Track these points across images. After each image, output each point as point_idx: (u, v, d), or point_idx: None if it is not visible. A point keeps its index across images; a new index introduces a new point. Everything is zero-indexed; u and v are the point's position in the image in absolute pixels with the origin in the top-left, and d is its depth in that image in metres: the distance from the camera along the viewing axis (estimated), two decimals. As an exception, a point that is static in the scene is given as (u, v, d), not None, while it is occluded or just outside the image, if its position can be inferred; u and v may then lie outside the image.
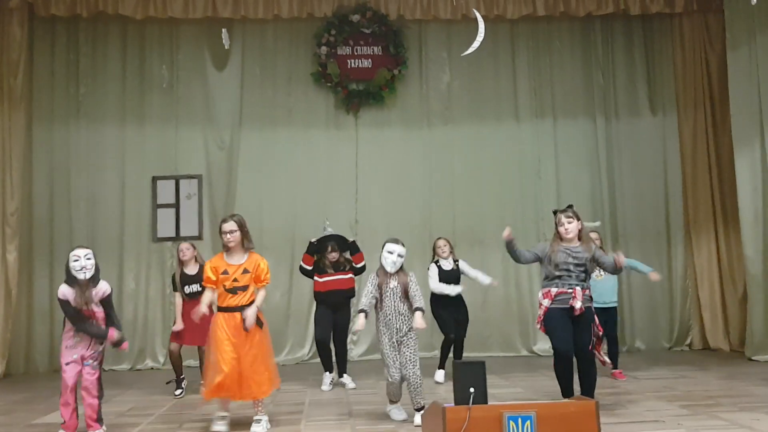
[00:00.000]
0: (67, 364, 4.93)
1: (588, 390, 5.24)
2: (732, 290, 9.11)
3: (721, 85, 9.17)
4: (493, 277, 7.42)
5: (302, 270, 7.10)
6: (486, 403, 3.16)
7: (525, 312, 9.34)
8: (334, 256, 6.95)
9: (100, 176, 9.10)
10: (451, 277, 7.11)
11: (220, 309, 5.10)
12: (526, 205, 9.44)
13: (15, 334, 8.49)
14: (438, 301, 7.04)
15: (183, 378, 6.80)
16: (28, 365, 8.73)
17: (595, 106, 9.59)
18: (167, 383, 7.02)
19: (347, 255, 7.16)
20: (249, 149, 9.34)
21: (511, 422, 3.02)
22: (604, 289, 7.03)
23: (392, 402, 5.34)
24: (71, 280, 4.91)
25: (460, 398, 3.16)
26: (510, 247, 5.44)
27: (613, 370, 7.07)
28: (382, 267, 5.30)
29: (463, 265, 7.27)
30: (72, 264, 4.90)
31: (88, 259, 4.94)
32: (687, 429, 4.71)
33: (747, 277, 8.38)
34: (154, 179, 9.15)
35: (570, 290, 5.20)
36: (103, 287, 5.01)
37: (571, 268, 5.25)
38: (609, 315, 7.03)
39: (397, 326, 5.19)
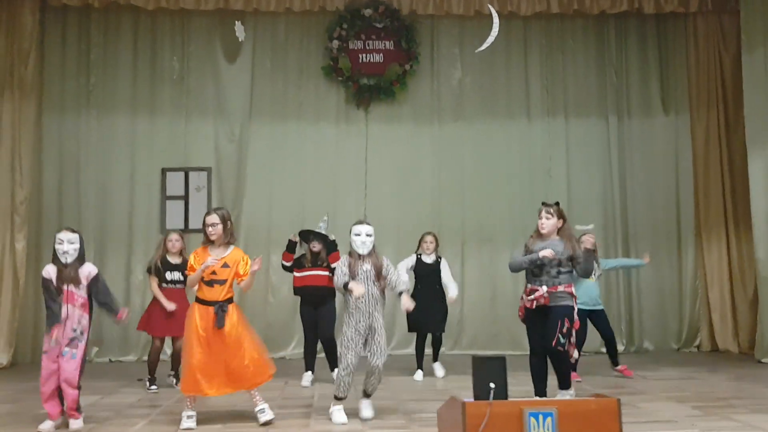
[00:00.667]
0: (44, 352, 4.91)
1: (561, 380, 5.28)
2: (742, 292, 9.06)
3: (735, 86, 9.11)
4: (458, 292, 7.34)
5: (283, 267, 7.08)
6: (506, 398, 3.13)
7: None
8: (315, 245, 6.86)
9: (109, 167, 9.08)
10: (428, 271, 7.13)
11: (197, 300, 5.07)
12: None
13: (22, 323, 8.48)
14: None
15: (155, 378, 6.66)
16: (34, 354, 8.67)
17: (607, 106, 9.54)
18: (139, 380, 6.94)
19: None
20: (259, 142, 9.31)
21: (532, 419, 2.98)
22: (596, 291, 6.99)
23: (338, 399, 5.13)
24: (56, 259, 4.95)
25: (480, 393, 3.12)
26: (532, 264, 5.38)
27: (617, 367, 7.07)
28: (353, 250, 5.24)
29: (443, 265, 7.24)
30: (56, 246, 4.95)
31: (71, 243, 4.95)
32: (701, 430, 4.67)
33: (758, 280, 8.33)
34: (164, 171, 9.13)
35: (538, 287, 5.20)
36: (88, 268, 5.01)
37: (544, 263, 5.21)
38: (599, 316, 7.02)
39: (369, 310, 5.10)
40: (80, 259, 5.01)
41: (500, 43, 8.97)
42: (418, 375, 7.11)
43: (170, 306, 6.58)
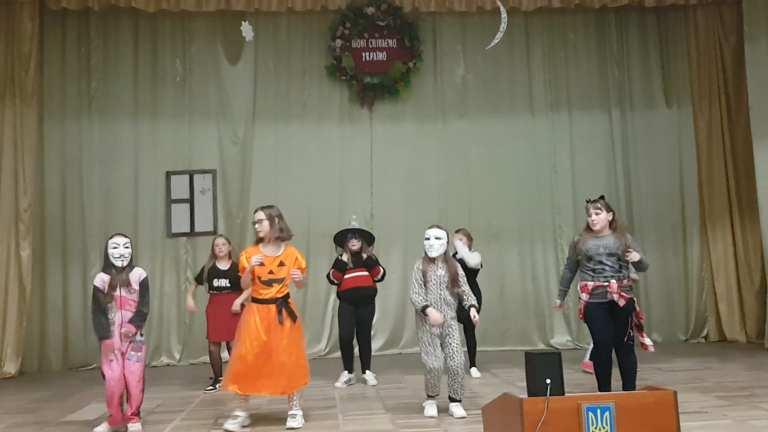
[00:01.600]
0: (110, 361, 4.95)
1: (628, 381, 5.24)
2: (749, 282, 9.12)
3: (736, 77, 9.18)
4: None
5: (330, 282, 6.99)
6: (563, 394, 3.11)
7: (542, 306, 9.32)
8: (354, 243, 6.79)
9: (113, 172, 8.99)
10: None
11: (255, 300, 5.04)
12: (542, 199, 9.41)
13: (29, 332, 8.39)
14: None
15: (219, 380, 6.57)
16: (41, 363, 8.62)
17: (610, 99, 9.56)
18: (211, 377, 6.89)
19: (372, 250, 7.03)
20: (263, 144, 9.26)
21: (590, 413, 2.97)
22: None
23: (430, 396, 5.25)
24: (108, 266, 5.02)
25: (535, 390, 3.10)
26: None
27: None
28: (425, 254, 5.25)
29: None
30: (111, 251, 5.03)
31: (126, 247, 5.10)
32: (733, 420, 4.69)
33: (766, 269, 8.38)
34: (168, 174, 9.05)
35: (605, 283, 5.18)
36: (138, 271, 5.13)
37: (604, 259, 5.23)
38: None
39: (442, 314, 5.11)
40: (131, 264, 5.11)
41: (502, 39, 8.86)
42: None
43: (189, 305, 6.90)
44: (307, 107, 9.34)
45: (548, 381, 3.06)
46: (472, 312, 5.17)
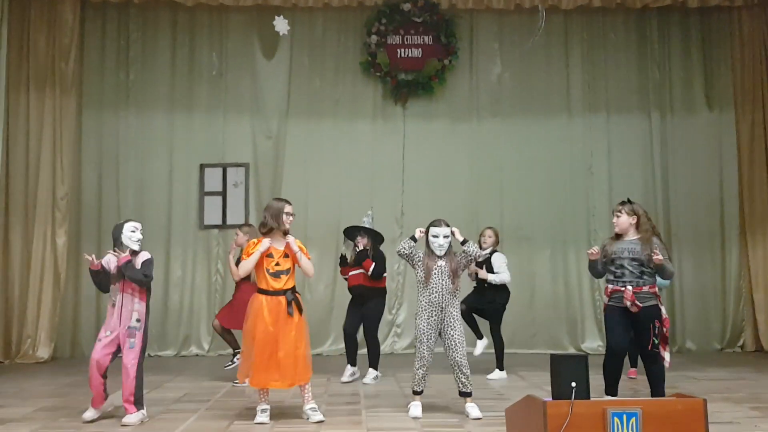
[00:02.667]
0: (98, 340, 5.04)
1: (655, 388, 5.12)
2: (789, 292, 8.86)
3: (782, 82, 8.92)
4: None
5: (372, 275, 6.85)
6: (588, 398, 3.03)
7: (573, 310, 9.17)
8: (359, 240, 6.77)
9: (148, 163, 9.10)
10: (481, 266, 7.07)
11: (262, 292, 5.02)
12: (576, 202, 9.25)
13: (62, 318, 8.54)
14: None
15: (238, 351, 6.47)
16: (73, 350, 8.77)
17: (650, 102, 9.35)
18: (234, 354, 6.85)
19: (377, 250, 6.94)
20: (295, 139, 9.27)
21: (616, 419, 2.88)
22: None
23: (415, 393, 5.21)
24: (120, 248, 5.04)
25: (560, 393, 3.03)
26: (595, 265, 5.35)
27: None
28: (429, 249, 5.22)
29: (496, 256, 7.12)
30: (129, 234, 5.05)
31: (142, 232, 5.16)
32: (766, 432, 4.55)
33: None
34: (202, 167, 9.13)
35: (622, 288, 5.10)
36: (145, 254, 5.12)
37: (626, 263, 5.15)
38: None
39: (442, 305, 5.11)
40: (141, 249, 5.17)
41: (540, 38, 8.84)
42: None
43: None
44: (340, 104, 9.33)
45: (573, 384, 2.98)
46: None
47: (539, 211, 9.20)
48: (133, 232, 5.08)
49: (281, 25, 7.02)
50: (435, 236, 5.21)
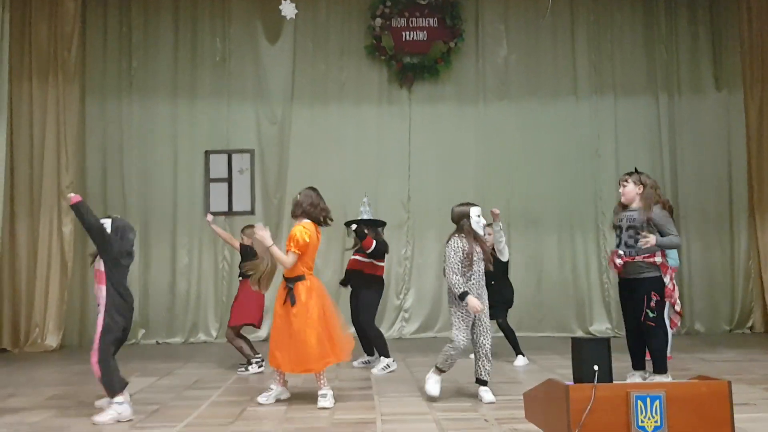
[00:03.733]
0: None
1: (654, 362, 5.12)
2: (798, 273, 8.83)
3: (791, 60, 8.83)
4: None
5: (371, 254, 6.68)
6: (611, 381, 3.00)
7: (581, 293, 9.16)
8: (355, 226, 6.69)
9: (152, 150, 9.06)
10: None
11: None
12: (583, 185, 9.21)
13: (70, 306, 8.53)
14: None
15: (259, 359, 6.48)
16: (82, 338, 8.75)
17: (657, 83, 9.29)
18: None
19: (382, 233, 6.86)
20: (300, 124, 9.22)
21: (639, 402, 2.86)
22: None
23: (441, 371, 5.10)
24: None
25: (582, 376, 3.00)
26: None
27: None
28: (469, 233, 5.01)
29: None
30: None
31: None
32: (783, 413, 4.53)
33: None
34: (207, 153, 9.08)
35: (617, 252, 5.19)
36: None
37: (623, 232, 5.16)
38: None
39: (479, 291, 5.01)
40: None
41: (547, 20, 8.76)
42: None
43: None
44: (345, 88, 9.27)
45: (596, 368, 2.95)
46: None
47: (546, 194, 9.15)
48: None
49: (288, 9, 6.85)
50: (478, 215, 5.07)
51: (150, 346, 8.63)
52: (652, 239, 5.03)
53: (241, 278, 6.64)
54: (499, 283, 6.65)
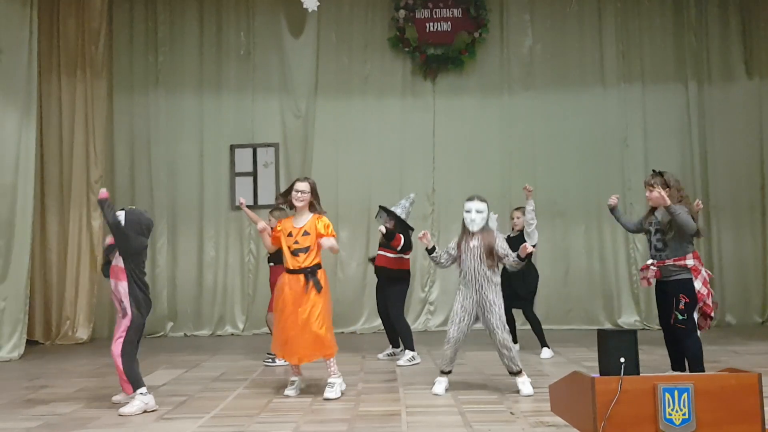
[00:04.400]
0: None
1: (690, 364, 4.99)
2: (832, 264, 8.62)
3: (825, 46, 8.59)
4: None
5: (401, 251, 6.67)
6: (638, 374, 2.96)
7: (609, 285, 9.05)
8: (388, 223, 6.65)
9: (179, 145, 9.14)
10: (515, 247, 6.86)
11: (286, 270, 5.09)
12: (611, 175, 9.06)
13: (100, 299, 8.65)
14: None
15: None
16: (111, 330, 8.77)
17: (687, 71, 9.11)
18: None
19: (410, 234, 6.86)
20: (325, 118, 9.23)
21: (667, 395, 2.80)
22: None
23: (442, 372, 5.15)
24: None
25: (608, 369, 2.95)
26: (613, 214, 5.54)
27: None
28: (463, 226, 5.13)
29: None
30: None
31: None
32: (818, 406, 4.41)
33: None
34: (232, 147, 9.14)
35: (649, 263, 5.11)
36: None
37: (651, 236, 5.08)
38: None
39: (476, 287, 4.99)
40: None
41: (573, 8, 8.66)
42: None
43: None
44: (369, 81, 9.25)
45: (622, 360, 2.91)
46: (525, 246, 4.93)
47: (573, 186, 9.05)
48: None
49: (310, 1, 6.88)
50: (467, 211, 5.06)
51: (178, 339, 8.73)
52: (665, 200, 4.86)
53: (271, 264, 6.66)
54: (522, 270, 6.58)
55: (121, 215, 4.76)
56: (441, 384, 5.13)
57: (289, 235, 5.03)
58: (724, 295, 8.98)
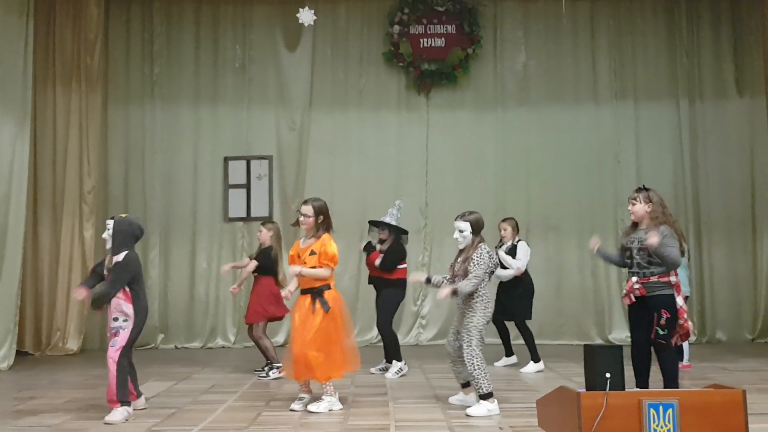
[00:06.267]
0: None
1: (666, 380, 5.00)
2: (823, 282, 8.66)
3: (815, 65, 8.67)
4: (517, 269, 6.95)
5: (382, 266, 6.73)
6: (623, 389, 2.97)
7: (601, 300, 9.07)
8: (382, 233, 6.72)
9: (173, 156, 9.16)
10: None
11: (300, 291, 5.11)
12: (604, 191, 9.12)
13: (90, 310, 8.59)
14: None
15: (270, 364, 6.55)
16: (102, 341, 8.78)
17: (678, 88, 9.19)
18: (255, 371, 6.85)
19: (405, 242, 6.87)
20: (319, 131, 9.26)
21: (652, 410, 2.82)
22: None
23: (462, 386, 5.21)
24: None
25: (593, 383, 2.96)
26: (600, 255, 5.35)
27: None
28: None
29: (519, 246, 7.05)
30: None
31: (107, 230, 4.94)
32: (805, 424, 4.43)
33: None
34: (226, 159, 9.16)
35: (630, 279, 5.06)
36: (120, 256, 4.81)
37: (634, 253, 5.02)
38: None
39: (459, 302, 5.08)
40: (116, 248, 4.85)
41: (566, 25, 8.74)
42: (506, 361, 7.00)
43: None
44: (363, 95, 9.30)
45: (608, 375, 2.92)
46: (445, 287, 4.97)
47: (566, 201, 9.09)
48: (107, 230, 4.95)
49: (306, 16, 6.93)
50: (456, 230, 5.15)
51: (169, 351, 8.71)
52: (654, 240, 4.88)
53: (255, 274, 6.67)
54: (521, 283, 6.83)
55: (110, 224, 4.84)
56: (456, 396, 5.23)
57: (298, 256, 5.06)
58: (716, 311, 9.02)
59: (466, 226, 5.10)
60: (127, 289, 4.82)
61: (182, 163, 9.15)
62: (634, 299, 4.97)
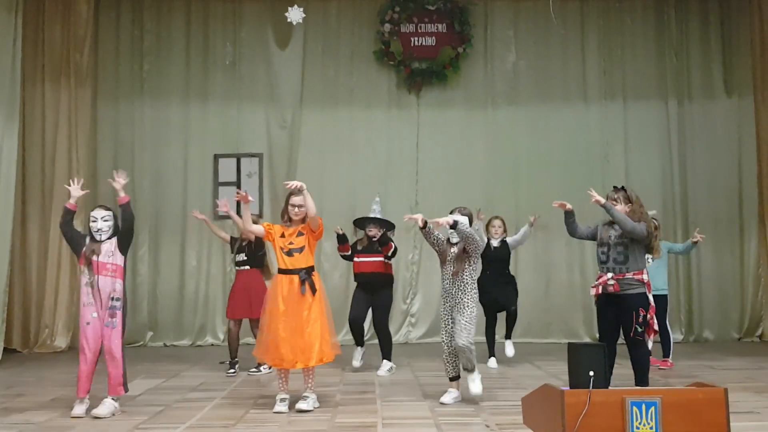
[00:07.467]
0: (87, 323, 4.86)
1: (638, 375, 5.08)
2: (809, 281, 8.74)
3: (802, 66, 8.76)
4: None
5: (343, 257, 6.99)
6: (607, 387, 3.00)
7: (589, 299, 8.96)
8: (371, 230, 6.70)
9: (163, 153, 9.14)
10: (496, 255, 7.02)
11: (280, 271, 5.05)
12: (592, 190, 9.12)
13: (78, 307, 8.54)
14: None
15: (237, 361, 6.67)
16: (92, 339, 8.81)
17: (667, 88, 9.24)
18: (221, 363, 7.05)
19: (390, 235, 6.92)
20: (310, 129, 9.26)
21: (635, 408, 2.85)
22: (653, 275, 6.72)
23: (451, 380, 5.24)
24: (89, 234, 4.93)
25: (577, 382, 3.00)
26: (568, 218, 5.61)
27: (662, 359, 6.86)
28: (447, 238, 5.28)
29: (510, 240, 7.13)
30: (90, 224, 4.94)
31: (106, 220, 4.91)
32: (788, 421, 4.49)
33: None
34: (216, 157, 9.14)
35: (604, 274, 5.11)
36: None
37: (611, 249, 5.11)
38: (658, 303, 6.73)
39: (452, 291, 5.14)
40: (113, 233, 4.93)
41: (556, 25, 8.74)
42: (492, 362, 6.94)
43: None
44: (354, 93, 9.30)
45: (591, 373, 2.95)
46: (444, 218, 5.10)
47: (554, 199, 9.00)
48: (93, 222, 4.91)
49: (295, 14, 6.92)
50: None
51: (158, 348, 8.69)
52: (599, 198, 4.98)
53: (246, 267, 6.68)
54: (509, 278, 7.05)
55: (106, 214, 4.97)
56: (449, 394, 5.23)
57: (282, 236, 5.03)
58: (703, 310, 9.09)
59: (462, 218, 5.20)
60: (120, 262, 4.86)
61: (172, 161, 9.13)
62: (601, 291, 5.03)
